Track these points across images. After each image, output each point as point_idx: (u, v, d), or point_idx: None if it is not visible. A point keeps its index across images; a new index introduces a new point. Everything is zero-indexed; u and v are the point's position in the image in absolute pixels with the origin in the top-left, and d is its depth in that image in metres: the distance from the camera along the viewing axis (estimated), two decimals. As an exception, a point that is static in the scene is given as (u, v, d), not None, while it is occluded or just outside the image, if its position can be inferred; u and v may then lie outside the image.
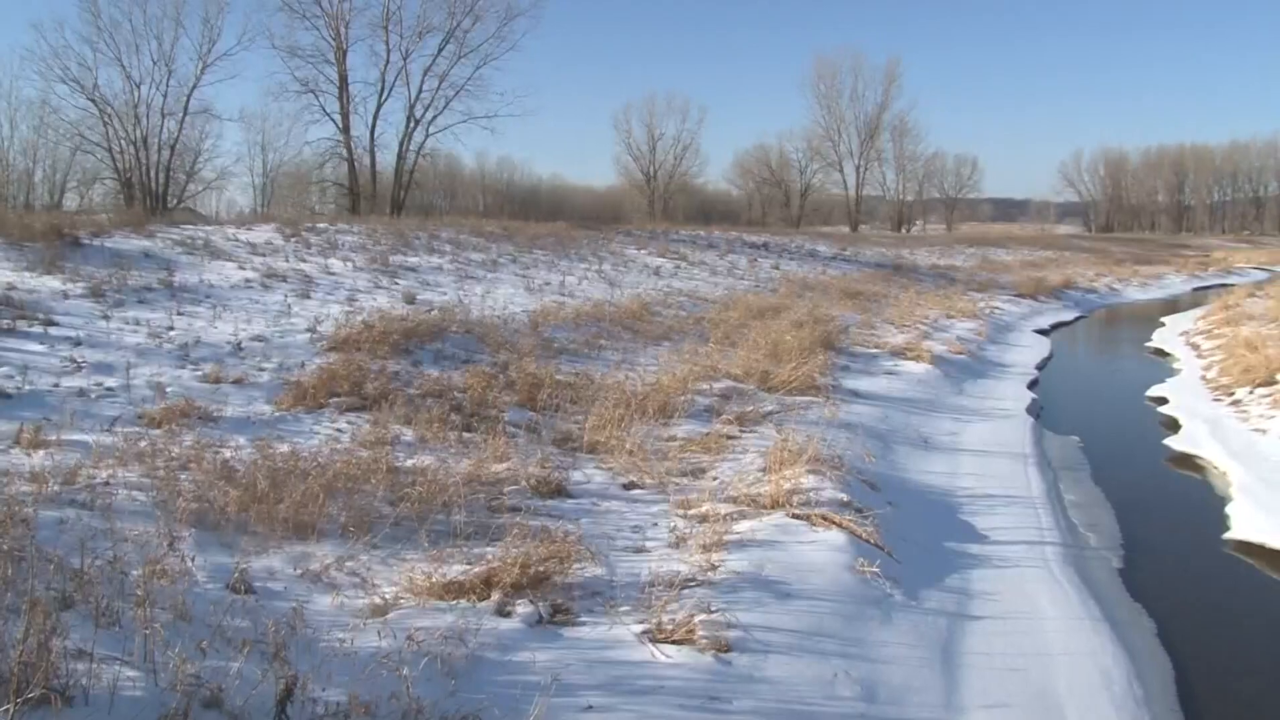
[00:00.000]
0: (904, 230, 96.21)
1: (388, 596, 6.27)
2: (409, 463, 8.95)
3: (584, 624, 6.26)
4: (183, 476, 7.83)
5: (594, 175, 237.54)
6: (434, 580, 6.45)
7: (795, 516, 8.53)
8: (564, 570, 6.86)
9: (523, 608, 6.28)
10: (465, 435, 10.26)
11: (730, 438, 11.36)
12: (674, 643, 6.05)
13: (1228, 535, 10.29)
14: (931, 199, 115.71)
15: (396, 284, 18.90)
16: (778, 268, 34.12)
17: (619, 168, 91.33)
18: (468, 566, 6.70)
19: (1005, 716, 6.17)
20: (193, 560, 6.20)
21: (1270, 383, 16.21)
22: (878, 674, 6.37)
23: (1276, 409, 14.66)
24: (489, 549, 7.06)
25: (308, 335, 13.26)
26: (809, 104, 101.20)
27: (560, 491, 8.90)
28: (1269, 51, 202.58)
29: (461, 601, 6.30)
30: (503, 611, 6.22)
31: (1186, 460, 13.48)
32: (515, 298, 19.50)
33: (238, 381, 11.14)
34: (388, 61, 45.46)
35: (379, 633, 5.62)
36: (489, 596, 6.35)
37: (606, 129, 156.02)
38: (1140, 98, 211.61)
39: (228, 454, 8.57)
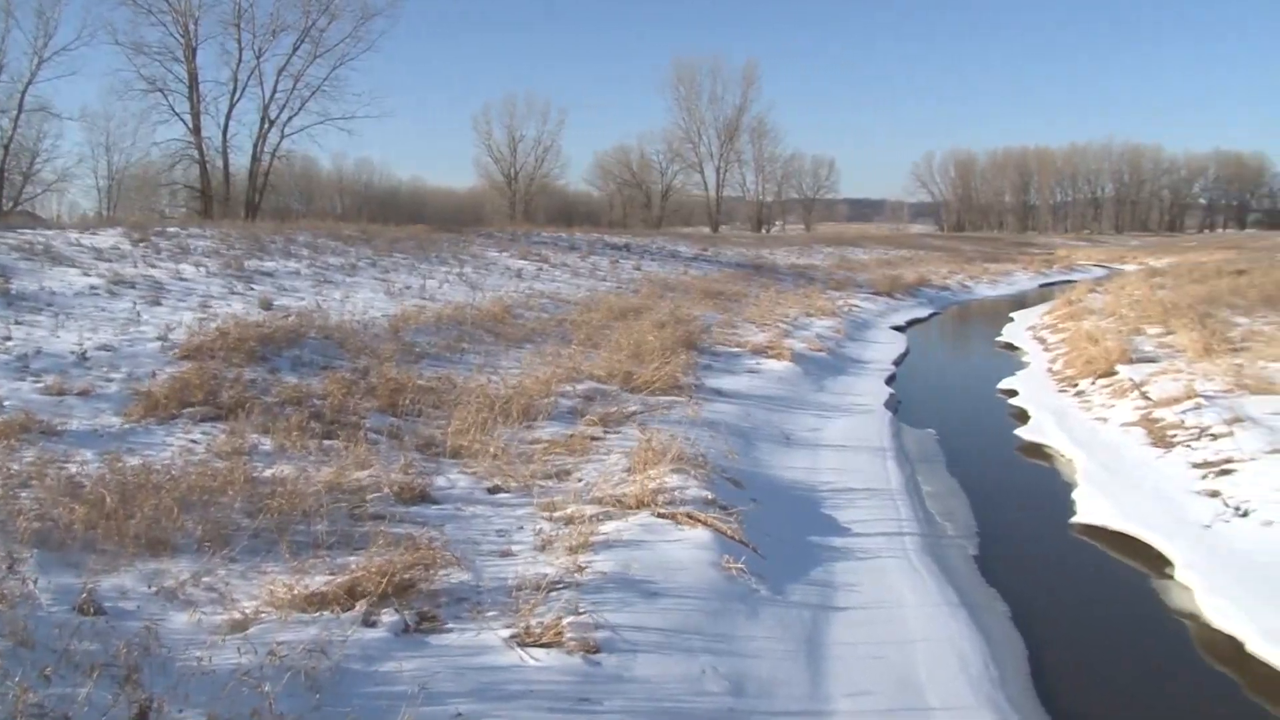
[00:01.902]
0: (764, 230, 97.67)
1: (247, 611, 6.11)
2: (268, 472, 8.74)
3: (451, 630, 6.20)
4: (23, 494, 7.49)
5: (454, 177, 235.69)
6: (296, 592, 6.31)
7: (661, 516, 8.59)
8: (429, 577, 6.79)
9: (388, 616, 6.19)
10: (326, 443, 10.05)
11: (594, 439, 11.38)
12: (542, 646, 6.04)
13: (1074, 520, 10.73)
14: (790, 199, 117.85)
15: (252, 289, 18.41)
16: (639, 269, 34.28)
17: (479, 169, 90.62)
18: (331, 577, 6.57)
19: (869, 703, 6.32)
20: (35, 582, 5.93)
21: (1110, 374, 16.94)
22: (745, 668, 6.46)
23: (1116, 399, 15.32)
24: (352, 558, 6.94)
25: (159, 343, 12.82)
26: (669, 106, 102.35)
27: (424, 497, 8.80)
28: (1102, 58, 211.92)
29: (325, 613, 6.18)
30: (368, 621, 6.13)
31: (1035, 449, 14.00)
32: (375, 302, 19.18)
33: (83, 393, 10.70)
34: (240, 60, 44.09)
35: (239, 649, 5.47)
36: (353, 606, 6.24)
37: (466, 130, 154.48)
38: (987, 101, 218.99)
39: (73, 469, 8.23)
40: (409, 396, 11.93)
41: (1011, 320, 31.10)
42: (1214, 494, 10.36)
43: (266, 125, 45.27)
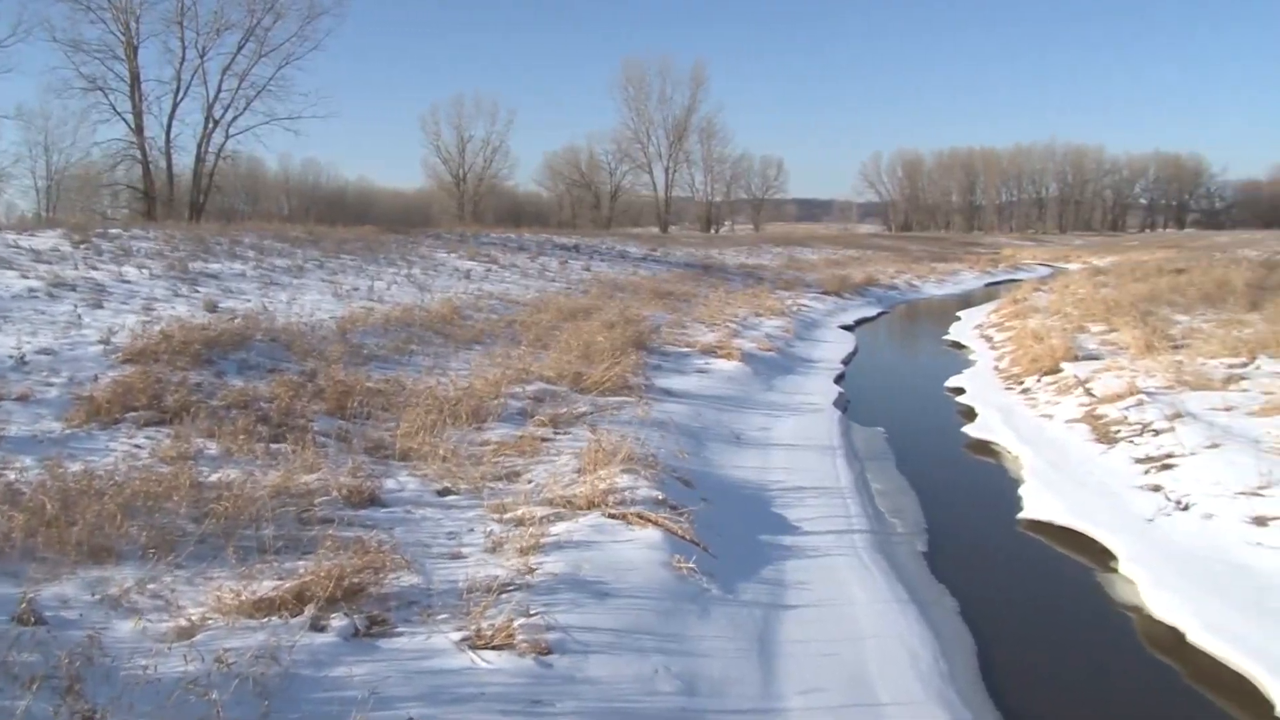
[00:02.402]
0: (713, 230, 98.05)
1: (194, 618, 6.02)
2: (214, 477, 8.61)
3: (401, 634, 6.15)
4: (-39, 502, 7.35)
5: (402, 178, 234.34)
6: (243, 598, 6.23)
7: (611, 516, 8.59)
8: (379, 581, 6.73)
9: (337, 621, 6.14)
10: (273, 446, 9.94)
11: (544, 440, 11.35)
12: (494, 648, 6.01)
13: (1021, 516, 10.85)
14: (739, 200, 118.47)
15: (197, 292, 18.17)
16: (589, 269, 34.25)
17: (427, 170, 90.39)
18: (279, 582, 6.49)
19: (821, 700, 6.35)
20: (-27, 592, 5.83)
21: (1055, 371, 17.16)
22: (697, 667, 6.47)
23: (1061, 396, 15.52)
24: (301, 563, 6.86)
25: (101, 347, 12.61)
26: (618, 106, 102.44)
27: (373, 500, 8.73)
28: (1046, 60, 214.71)
29: (273, 618, 6.10)
30: (317, 626, 6.06)
31: (983, 446, 14.14)
32: (323, 304, 19.00)
33: (22, 398, 10.49)
34: (183, 59, 43.42)
35: (185, 656, 5.39)
36: (302, 611, 6.18)
37: (414, 130, 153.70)
38: (934, 102, 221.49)
39: (11, 476, 8.04)
40: (357, 399, 11.83)
41: (958, 319, 31.41)
42: (1156, 488, 10.54)
43: (211, 125, 44.72)
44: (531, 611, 6.48)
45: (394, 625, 6.26)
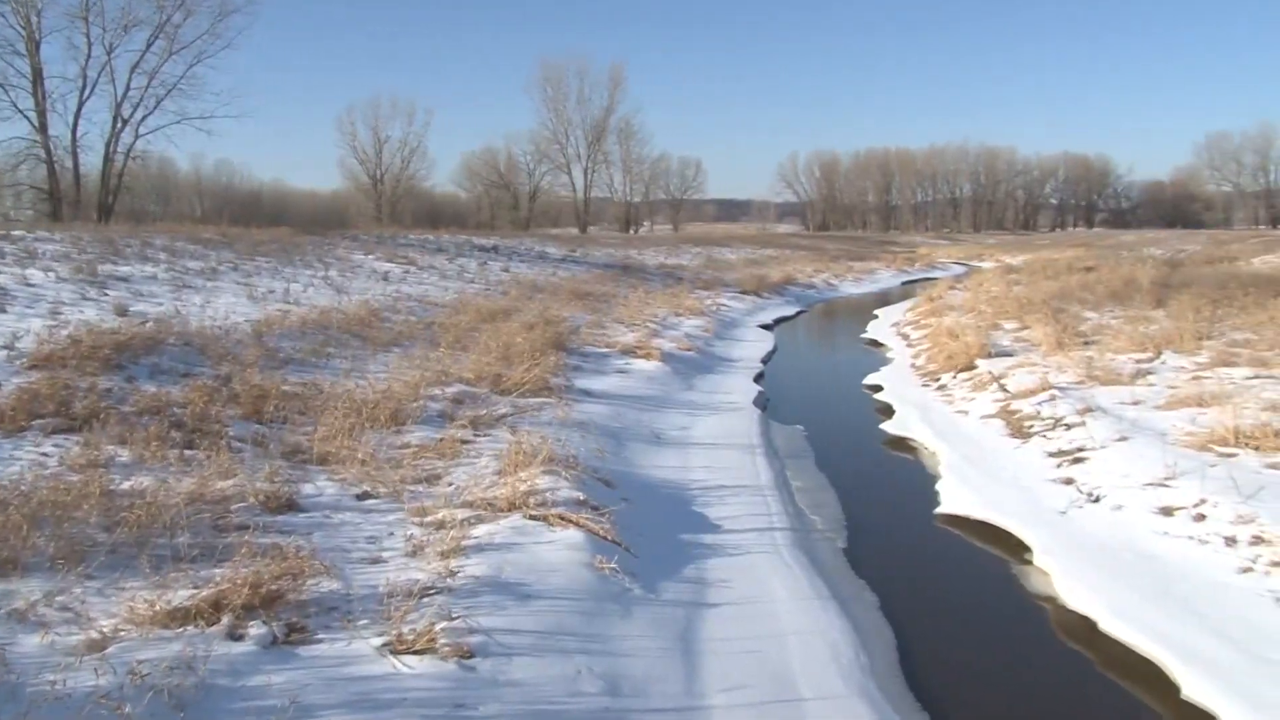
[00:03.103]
0: (632, 231, 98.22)
1: (105, 630, 5.87)
2: (125, 485, 8.42)
3: (321, 641, 6.07)
4: None
5: (318, 179, 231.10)
6: (157, 608, 6.09)
7: (532, 518, 8.56)
8: (298, 587, 6.63)
9: (255, 629, 6.03)
10: (187, 453, 9.74)
11: (465, 442, 11.28)
12: (416, 653, 5.96)
13: (938, 510, 11.01)
14: (658, 200, 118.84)
15: (106, 295, 17.76)
16: (508, 270, 34.11)
17: (344, 171, 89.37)
18: (194, 590, 6.37)
19: (744, 697, 6.39)
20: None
21: (971, 368, 17.46)
22: (620, 667, 6.48)
23: (976, 392, 15.79)
24: (217, 570, 6.73)
25: (4, 353, 12.26)
26: (536, 107, 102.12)
27: (291, 506, 8.59)
28: (959, 60, 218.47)
29: (189, 628, 5.98)
30: (234, 635, 5.96)
31: (900, 443, 14.33)
32: (237, 307, 18.68)
33: (-77, 407, 10.19)
34: (89, 56, 42.20)
35: (96, 670, 5.26)
36: (219, 620, 6.06)
37: (331, 131, 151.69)
38: (851, 103, 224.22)
39: (-88, 487, 7.82)
40: (274, 403, 11.65)
41: (876, 317, 31.79)
42: (1068, 481, 10.78)
43: (119, 124, 43.58)
44: (453, 615, 6.43)
45: (313, 632, 6.17)
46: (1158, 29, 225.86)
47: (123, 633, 5.87)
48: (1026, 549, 9.51)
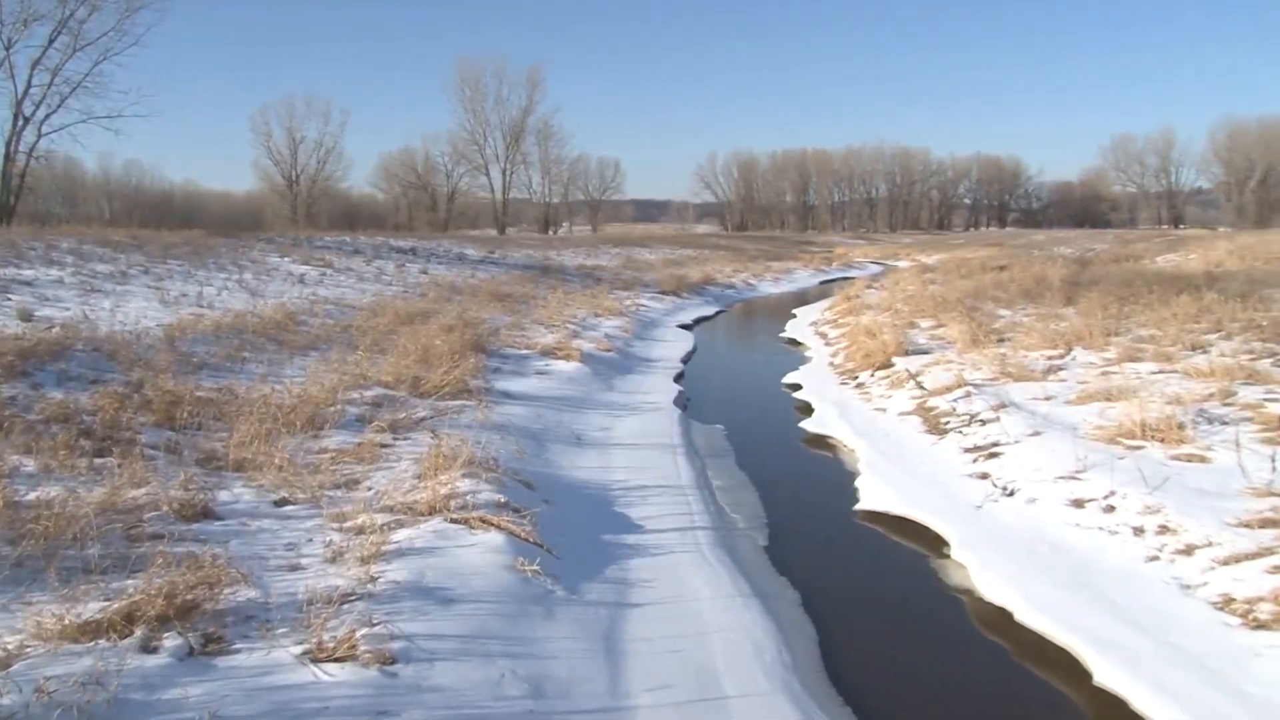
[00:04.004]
0: (551, 232, 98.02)
1: (10, 646, 5.70)
2: (31, 495, 8.16)
3: (239, 651, 5.96)
4: None
5: (232, 180, 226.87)
6: (66, 622, 5.92)
7: (453, 521, 8.50)
8: (214, 596, 6.51)
9: (170, 641, 5.90)
10: (97, 461, 9.50)
11: (384, 446, 11.16)
12: (336, 660, 5.88)
13: (858, 507, 11.15)
14: (577, 201, 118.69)
15: (9, 300, 17.28)
16: (426, 272, 33.82)
17: (258, 172, 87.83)
18: (106, 603, 6.21)
19: (668, 696, 6.41)
20: None
21: (888, 366, 17.68)
22: (544, 670, 6.45)
23: (894, 389, 16.00)
24: (130, 582, 6.57)
25: (-98, 361, 11.89)
26: (454, 107, 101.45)
27: (207, 514, 8.43)
28: (876, 62, 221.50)
29: (101, 641, 5.83)
30: (148, 647, 5.82)
31: (820, 440, 14.47)
32: (149, 311, 18.29)
33: None
34: (-13, 51, 41.01)
35: (0, 688, 5.11)
36: (131, 633, 5.92)
37: (244, 131, 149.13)
38: (768, 103, 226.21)
39: None
40: (188, 409, 11.41)
41: (794, 316, 32.08)
42: (984, 476, 10.97)
43: (21, 123, 42.04)
44: (374, 621, 6.36)
45: (231, 642, 6.06)
46: (1064, 33, 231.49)
47: (29, 649, 5.70)
48: (944, 543, 9.66)
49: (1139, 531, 8.71)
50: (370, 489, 9.47)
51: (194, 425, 11.16)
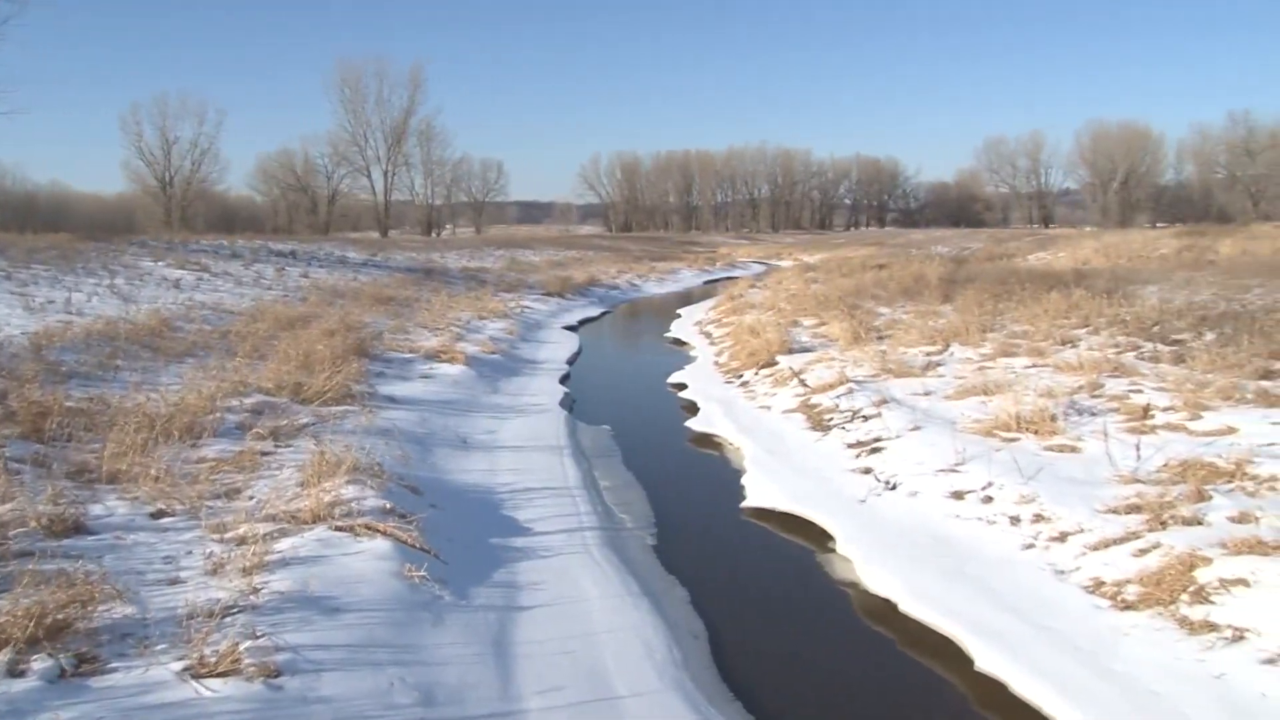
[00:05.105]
0: (434, 234, 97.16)
1: None
2: (-112, 514, 7.82)
3: (116, 670, 5.76)
4: None
5: (102, 183, 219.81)
6: (-73, 646, 5.68)
7: (338, 529, 8.35)
8: (87, 614, 6.28)
9: (40, 663, 5.67)
10: (-42, 476, 9.11)
11: (265, 454, 10.92)
12: (219, 675, 5.72)
13: (744, 504, 11.25)
14: (460, 203, 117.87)
15: None
16: (307, 276, 33.19)
17: (130, 174, 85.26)
18: (-32, 626, 5.95)
19: (560, 698, 6.39)
20: None
21: (772, 364, 17.90)
22: (434, 676, 6.38)
23: (778, 387, 16.20)
24: (-5, 602, 6.32)
25: None
26: (334, 108, 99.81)
27: (78, 529, 8.13)
28: (754, 63, 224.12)
29: (-38, 666, 5.59)
30: (15, 671, 5.58)
31: (706, 439, 14.57)
32: (12, 318, 17.62)
33: None
34: None
35: None
36: (-2, 655, 5.69)
37: (115, 131, 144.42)
38: (651, 105, 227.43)
39: None
40: (56, 420, 10.99)
41: (679, 316, 32.27)
42: (867, 471, 11.18)
43: None
44: (258, 633, 6.21)
45: (106, 661, 5.85)
46: (939, 35, 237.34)
47: (-110, 673, 5.45)
48: (830, 538, 9.81)
49: (1015, 521, 8.99)
50: (252, 498, 9.25)
51: (64, 437, 10.76)
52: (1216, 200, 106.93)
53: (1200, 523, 7.98)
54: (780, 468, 12.12)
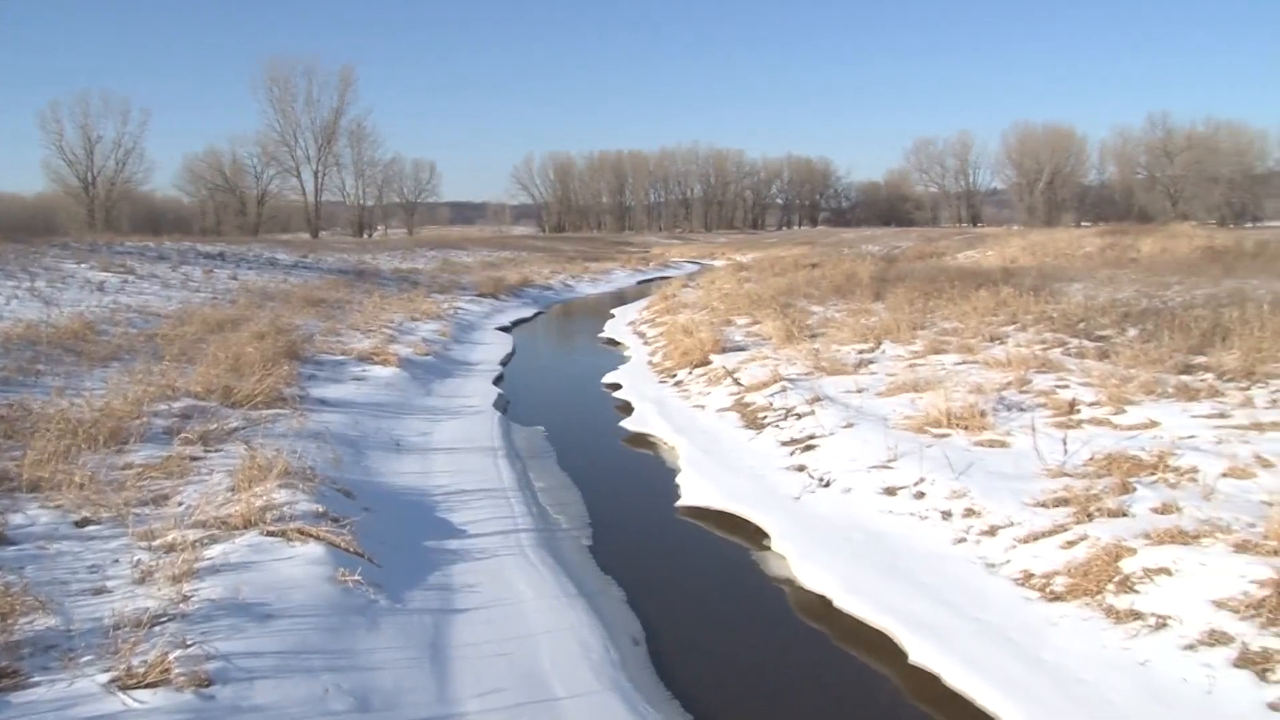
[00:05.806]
0: (366, 235, 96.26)
1: None
2: None
3: (38, 684, 5.62)
4: None
5: (20, 182, 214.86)
6: None
7: (270, 534, 8.24)
8: (8, 627, 6.13)
9: (-42, 677, 5.54)
10: (-128, 486, 8.86)
11: (194, 459, 10.74)
12: (148, 686, 5.61)
13: (680, 503, 11.27)
14: (392, 203, 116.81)
15: None
16: (236, 278, 32.70)
17: (50, 173, 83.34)
18: (-116, 639, 5.79)
19: (497, 700, 6.36)
20: None
21: (706, 363, 17.96)
22: (369, 681, 6.32)
23: (712, 386, 16.26)
24: (-89, 615, 6.15)
25: None
26: (263, 107, 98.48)
27: (-1, 538, 7.95)
28: (687, 64, 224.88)
29: (-121, 680, 5.43)
30: (-66, 683, 5.45)
31: (641, 439, 14.57)
32: (-72, 324, 17.19)
33: None
34: None
35: None
36: (-85, 669, 5.53)
37: (33, 129, 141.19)
38: (584, 105, 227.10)
39: None
40: (-25, 427, 10.75)
41: (613, 316, 32.27)
42: (801, 468, 11.25)
43: None
44: (188, 642, 6.10)
45: (28, 675, 5.71)
46: (868, 35, 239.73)
47: None
48: (765, 535, 9.86)
49: (947, 515, 9.11)
50: (181, 504, 9.09)
51: (-17, 444, 10.51)
52: (1138, 200, 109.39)
53: (1125, 514, 8.16)
54: (715, 466, 12.16)
